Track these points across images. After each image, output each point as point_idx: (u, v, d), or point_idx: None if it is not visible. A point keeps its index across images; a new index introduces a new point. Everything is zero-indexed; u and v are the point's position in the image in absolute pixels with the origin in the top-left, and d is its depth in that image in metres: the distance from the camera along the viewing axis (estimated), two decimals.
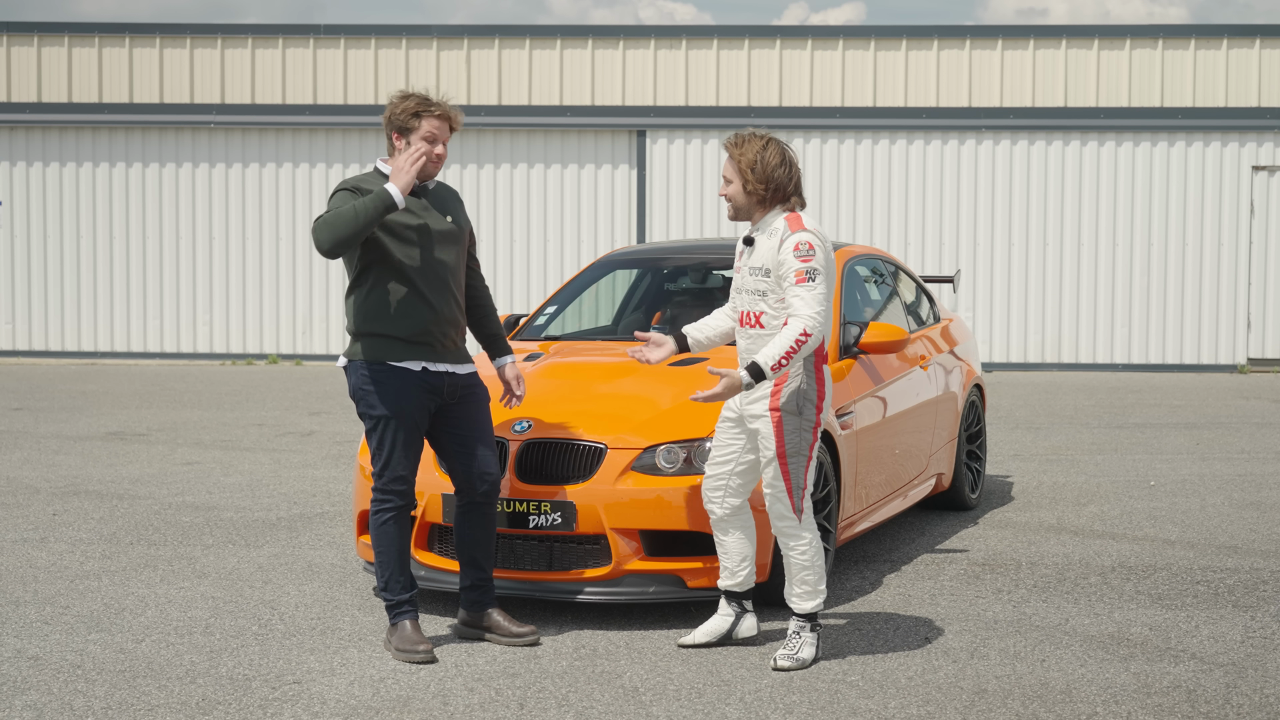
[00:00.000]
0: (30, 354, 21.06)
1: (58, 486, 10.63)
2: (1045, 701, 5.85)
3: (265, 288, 20.98)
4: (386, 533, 6.49)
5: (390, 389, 6.39)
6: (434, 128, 6.42)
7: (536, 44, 20.68)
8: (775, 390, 6.32)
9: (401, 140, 6.43)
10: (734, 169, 6.40)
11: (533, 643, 6.62)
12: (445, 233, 6.50)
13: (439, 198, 6.57)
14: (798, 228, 6.31)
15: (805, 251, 6.25)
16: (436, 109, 6.43)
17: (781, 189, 6.38)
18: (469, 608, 6.72)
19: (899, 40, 20.41)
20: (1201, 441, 13.05)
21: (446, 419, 6.57)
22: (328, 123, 20.64)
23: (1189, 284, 20.24)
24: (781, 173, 6.36)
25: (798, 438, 6.32)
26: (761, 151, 6.35)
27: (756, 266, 6.37)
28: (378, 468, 6.47)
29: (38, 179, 21.06)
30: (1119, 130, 20.23)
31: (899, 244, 20.33)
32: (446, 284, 6.50)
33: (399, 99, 6.45)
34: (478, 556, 6.68)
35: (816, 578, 6.40)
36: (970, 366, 10.03)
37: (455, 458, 6.61)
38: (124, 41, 20.91)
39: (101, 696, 5.90)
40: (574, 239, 20.75)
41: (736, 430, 6.52)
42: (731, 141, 6.43)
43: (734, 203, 6.45)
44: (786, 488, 6.33)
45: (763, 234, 6.39)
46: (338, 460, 11.90)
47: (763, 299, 6.35)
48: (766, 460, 6.35)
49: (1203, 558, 8.35)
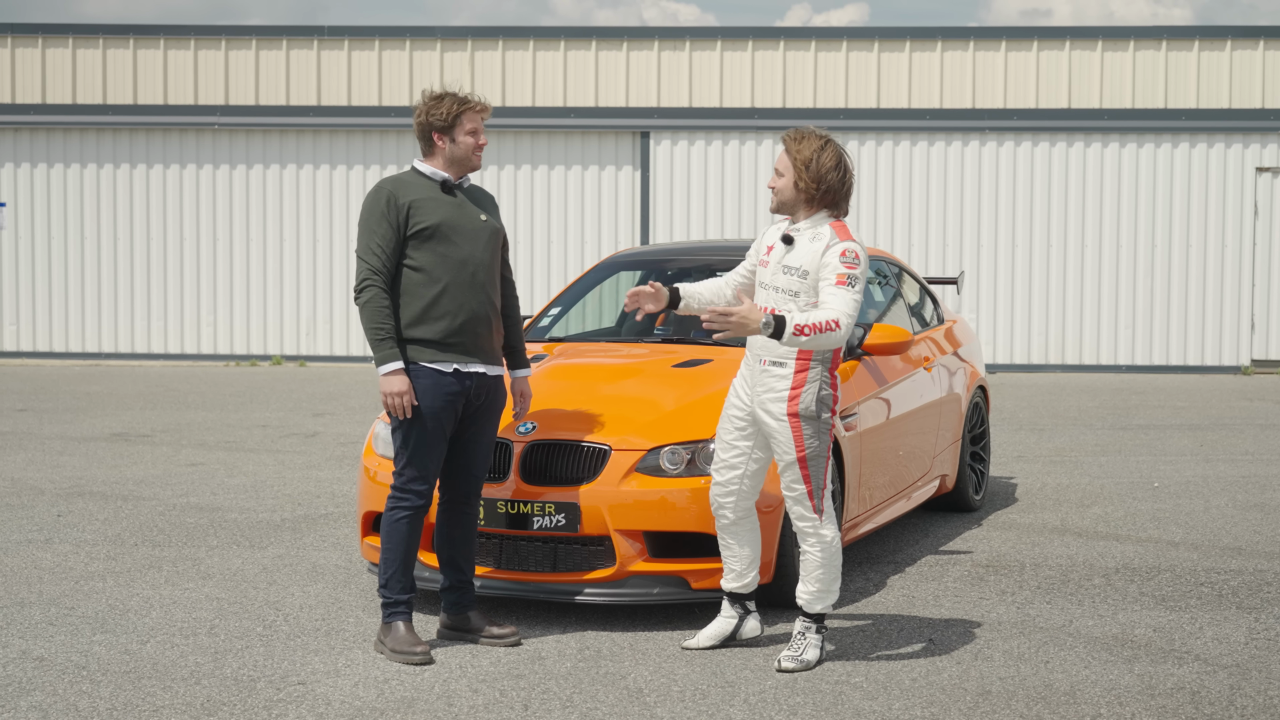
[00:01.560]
0: (34, 355, 21.08)
1: (62, 487, 10.64)
2: (1049, 703, 5.85)
3: (269, 289, 21.00)
4: (398, 530, 6.50)
5: (422, 388, 6.42)
6: (475, 124, 6.59)
7: (540, 45, 20.69)
8: (794, 395, 6.29)
9: (444, 139, 6.54)
10: (788, 163, 6.33)
11: (514, 643, 6.64)
12: (479, 231, 6.57)
13: (474, 196, 6.67)
14: (846, 237, 6.27)
15: (851, 259, 6.20)
16: (475, 104, 6.59)
17: (832, 192, 6.32)
18: (449, 610, 6.75)
19: (902, 41, 20.42)
20: (1205, 443, 13.05)
21: (465, 423, 6.60)
22: (332, 124, 20.66)
23: (1193, 285, 20.23)
24: (834, 176, 6.30)
25: (817, 441, 6.31)
26: (819, 151, 6.29)
27: (793, 266, 6.30)
28: (400, 465, 6.49)
29: (42, 180, 21.07)
30: (1123, 131, 20.23)
31: (902, 245, 20.33)
32: (480, 282, 6.54)
33: (433, 101, 6.57)
34: (457, 557, 6.70)
35: (831, 578, 6.39)
36: (974, 368, 10.02)
37: (457, 456, 6.63)
38: (128, 43, 20.93)
39: (106, 697, 5.91)
40: (578, 240, 20.76)
41: (745, 428, 6.49)
42: (791, 136, 6.35)
43: (780, 196, 6.37)
44: (808, 490, 6.33)
45: (805, 236, 6.32)
46: (342, 461, 11.91)
47: (794, 299, 6.29)
48: (786, 464, 6.33)
49: (1207, 559, 8.35)
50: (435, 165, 6.59)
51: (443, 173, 6.57)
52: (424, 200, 6.48)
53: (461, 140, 6.55)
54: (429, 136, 6.57)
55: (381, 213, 6.43)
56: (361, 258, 6.44)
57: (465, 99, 6.57)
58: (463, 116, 6.54)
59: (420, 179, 6.57)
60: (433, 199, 6.50)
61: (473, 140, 6.56)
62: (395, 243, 6.42)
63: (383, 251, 6.41)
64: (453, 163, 6.58)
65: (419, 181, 6.56)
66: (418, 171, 6.61)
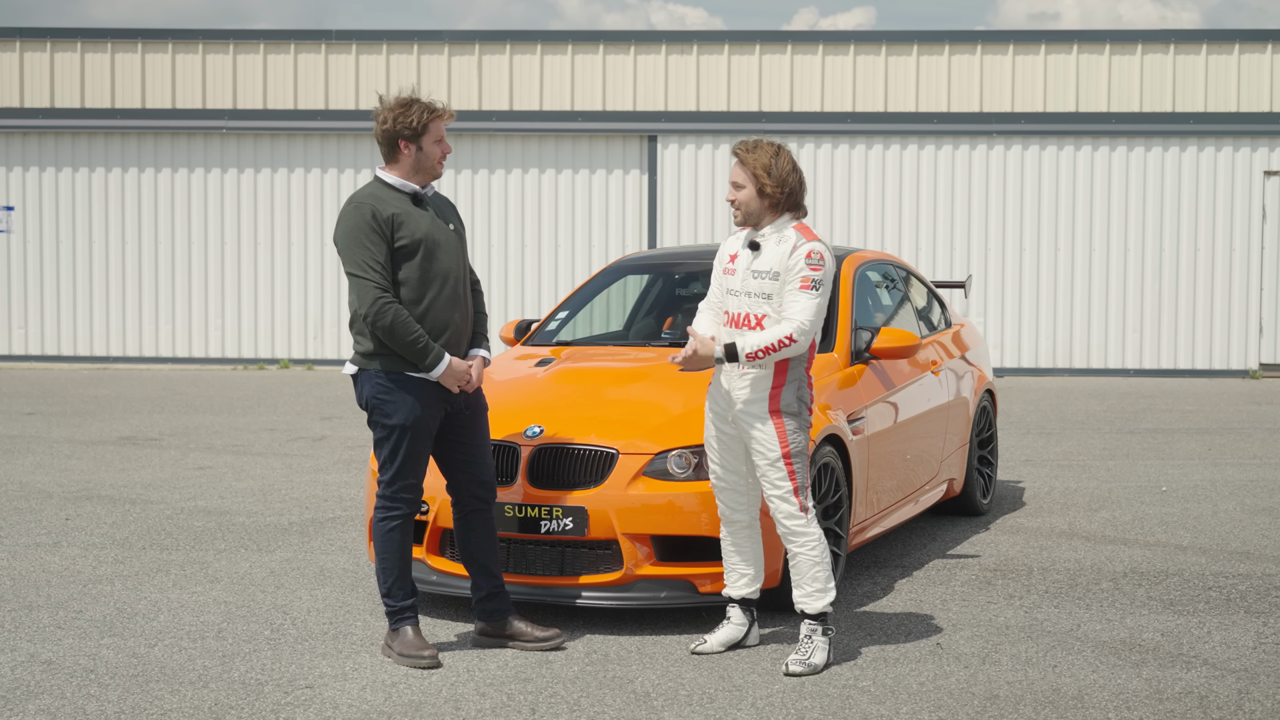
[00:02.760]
0: (42, 359, 21.11)
1: (70, 491, 10.66)
2: (1057, 707, 5.85)
3: (277, 292, 21.01)
4: (392, 539, 6.50)
5: (408, 399, 6.40)
6: (442, 132, 6.51)
7: (548, 49, 20.70)
8: (774, 393, 6.37)
9: (410, 147, 6.44)
10: (747, 174, 6.43)
11: (557, 646, 6.62)
12: (449, 241, 6.51)
13: (439, 207, 6.59)
14: (812, 237, 6.42)
15: (816, 261, 6.35)
16: (443, 112, 6.50)
17: (795, 194, 6.46)
18: (488, 618, 6.70)
19: (910, 45, 20.41)
20: (1213, 447, 13.03)
21: (451, 428, 6.58)
22: (339, 128, 20.67)
23: (1201, 289, 20.21)
24: (795, 178, 6.45)
25: (800, 437, 6.40)
26: (774, 157, 6.43)
27: (763, 270, 6.41)
28: (387, 475, 6.46)
29: (50, 184, 21.11)
30: (1130, 135, 20.21)
31: (910, 249, 20.32)
32: (459, 295, 6.52)
33: (400, 109, 6.43)
34: (489, 564, 6.68)
35: (826, 575, 6.42)
36: (982, 372, 10.02)
37: (458, 466, 6.62)
38: (136, 47, 20.95)
39: (114, 701, 5.92)
40: (585, 244, 20.76)
41: (735, 439, 6.54)
42: (742, 147, 6.47)
43: (745, 208, 6.47)
44: (793, 487, 6.37)
45: (770, 240, 6.44)
46: (349, 465, 11.92)
47: (767, 302, 6.40)
48: (769, 462, 6.37)
49: (1215, 563, 8.34)
50: (399, 174, 6.47)
51: (410, 184, 6.45)
52: (404, 214, 6.38)
53: (429, 149, 6.44)
54: (394, 143, 6.44)
55: (370, 227, 6.32)
56: (361, 276, 6.30)
57: (434, 106, 6.45)
58: (431, 125, 6.44)
59: (391, 192, 6.44)
60: (410, 212, 6.40)
61: (439, 150, 6.46)
62: (388, 255, 6.34)
63: (381, 267, 6.32)
64: (418, 171, 6.46)
65: (391, 194, 6.43)
66: (386, 184, 6.47)
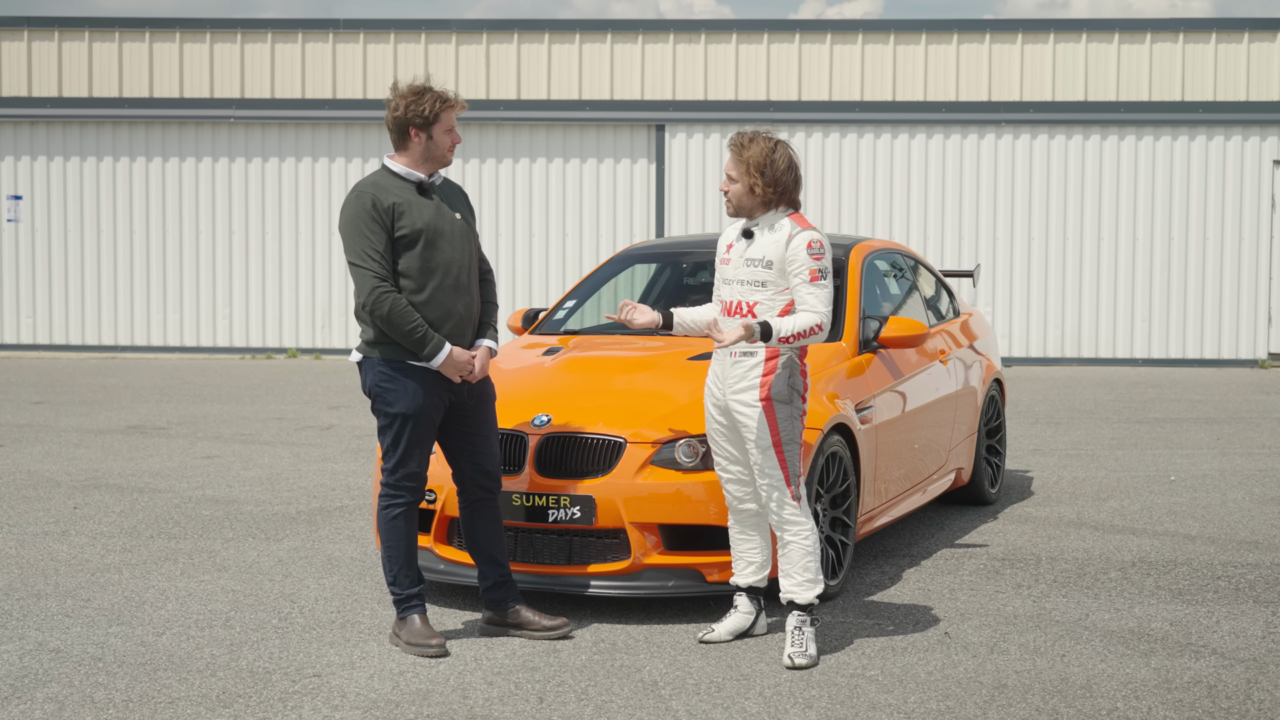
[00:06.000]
0: (51, 348, 21.13)
1: (78, 480, 10.67)
2: (1065, 697, 5.84)
3: (284, 282, 21.02)
4: (396, 527, 6.50)
5: (410, 387, 6.40)
6: (453, 121, 6.51)
7: (555, 38, 20.68)
8: (764, 380, 6.35)
9: (421, 136, 6.45)
10: (740, 168, 6.40)
11: (565, 635, 6.62)
12: (454, 230, 6.50)
13: (446, 195, 6.58)
14: (806, 226, 6.38)
15: (818, 250, 6.33)
16: (456, 101, 6.50)
17: (788, 192, 6.42)
18: (495, 607, 6.70)
19: (918, 34, 20.37)
20: (1222, 436, 13.01)
21: (457, 417, 6.57)
22: (347, 117, 20.67)
23: (1209, 278, 20.17)
24: (788, 178, 6.41)
25: (791, 425, 6.37)
26: (770, 154, 6.37)
27: (756, 258, 6.38)
28: (390, 463, 6.47)
29: (58, 173, 21.12)
30: (1139, 124, 20.16)
31: (918, 238, 20.29)
32: (463, 284, 6.51)
33: (413, 96, 6.46)
34: (494, 553, 6.68)
35: (817, 566, 6.42)
36: (990, 361, 10.00)
37: (464, 455, 6.62)
38: (144, 36, 20.95)
39: (122, 689, 5.92)
40: (593, 233, 20.76)
41: (732, 428, 6.52)
42: (737, 141, 6.43)
43: (737, 201, 6.45)
44: (785, 475, 6.36)
45: (764, 229, 6.41)
46: (357, 454, 11.92)
47: (760, 289, 6.38)
48: (760, 450, 6.37)
49: (1223, 553, 8.33)
50: (407, 162, 6.48)
51: (417, 172, 6.46)
52: (405, 204, 6.38)
53: (439, 138, 6.46)
54: (405, 131, 6.45)
55: (370, 216, 6.33)
56: (360, 265, 6.32)
57: (446, 96, 6.47)
58: (443, 114, 6.45)
59: (396, 180, 6.45)
60: (412, 202, 6.40)
61: (449, 139, 6.48)
62: (387, 245, 6.35)
63: (381, 256, 6.32)
64: (426, 160, 6.48)
65: (395, 183, 6.44)
66: (391, 172, 6.48)
